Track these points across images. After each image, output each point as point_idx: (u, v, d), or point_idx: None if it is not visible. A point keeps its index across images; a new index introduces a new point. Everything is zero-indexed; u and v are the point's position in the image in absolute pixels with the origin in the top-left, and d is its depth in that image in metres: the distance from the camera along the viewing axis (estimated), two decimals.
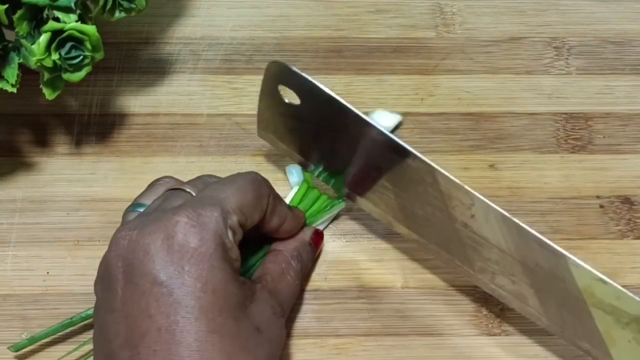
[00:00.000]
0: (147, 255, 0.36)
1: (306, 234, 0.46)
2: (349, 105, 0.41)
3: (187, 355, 0.34)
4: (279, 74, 0.43)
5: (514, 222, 0.39)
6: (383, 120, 0.53)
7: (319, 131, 0.45)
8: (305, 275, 0.46)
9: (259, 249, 0.45)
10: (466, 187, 0.39)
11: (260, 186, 0.41)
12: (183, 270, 0.35)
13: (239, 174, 0.42)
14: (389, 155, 0.42)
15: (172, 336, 0.34)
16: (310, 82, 0.41)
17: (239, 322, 0.36)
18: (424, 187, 0.41)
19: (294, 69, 0.42)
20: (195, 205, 0.38)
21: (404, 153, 0.41)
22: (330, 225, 0.49)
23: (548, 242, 0.38)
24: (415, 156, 0.40)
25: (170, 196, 0.40)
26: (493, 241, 0.40)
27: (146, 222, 0.37)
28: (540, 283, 0.41)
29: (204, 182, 0.42)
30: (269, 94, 0.45)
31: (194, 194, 0.40)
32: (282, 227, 0.44)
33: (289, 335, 0.46)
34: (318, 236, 0.47)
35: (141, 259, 0.36)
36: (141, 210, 0.41)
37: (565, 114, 0.55)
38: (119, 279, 0.36)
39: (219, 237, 0.37)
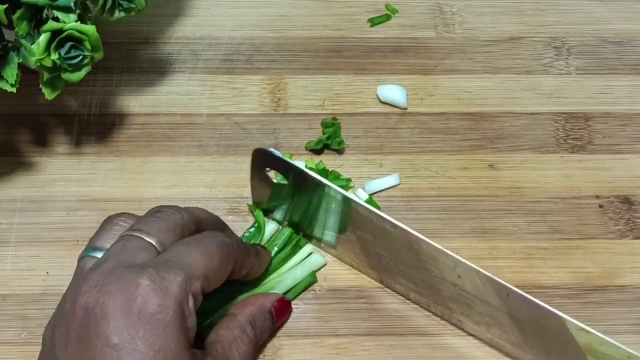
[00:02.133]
0: (104, 316, 0.35)
1: (267, 300, 0.44)
2: (331, 184, 0.42)
3: None
4: (265, 159, 0.44)
5: (496, 281, 0.39)
6: (390, 93, 0.54)
7: (307, 205, 0.46)
8: (257, 346, 0.43)
9: (218, 304, 0.44)
10: (448, 251, 0.40)
11: (229, 249, 0.40)
12: (137, 335, 0.35)
13: (208, 235, 0.40)
14: (374, 226, 0.42)
15: None
16: (293, 165, 0.43)
17: None
18: (413, 253, 0.42)
19: (277, 154, 0.43)
20: (159, 268, 0.36)
21: (389, 224, 0.41)
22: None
23: (535, 300, 0.38)
24: (397, 226, 0.41)
25: (129, 245, 0.38)
26: (482, 298, 0.41)
27: (108, 280, 0.36)
28: (532, 335, 0.41)
29: (159, 220, 0.40)
30: (258, 175, 0.46)
31: (153, 243, 0.38)
32: (250, 274, 0.43)
33: (288, 335, 0.46)
34: (283, 305, 0.45)
35: (98, 318, 0.35)
36: (98, 255, 0.39)
37: (565, 113, 0.55)
38: (72, 335, 0.36)
39: (179, 305, 0.36)
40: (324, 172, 0.50)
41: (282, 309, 0.45)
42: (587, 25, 0.59)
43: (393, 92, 0.54)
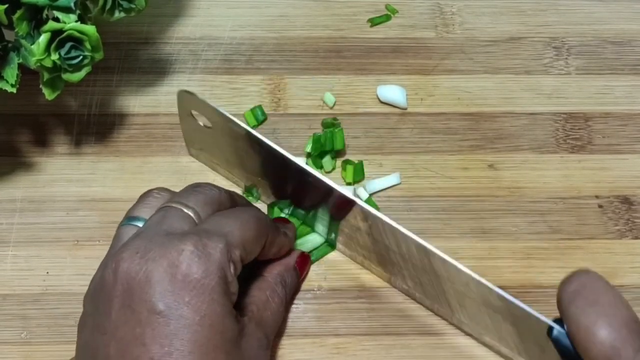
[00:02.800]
0: (148, 283, 0.35)
1: (291, 258, 0.46)
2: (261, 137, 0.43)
3: None
4: (190, 102, 0.45)
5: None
6: (390, 93, 0.54)
7: (234, 151, 0.47)
8: (288, 300, 0.45)
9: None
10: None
11: (263, 223, 0.41)
12: (183, 301, 0.35)
13: (242, 208, 0.42)
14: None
15: None
16: (217, 110, 0.43)
17: (229, 357, 0.36)
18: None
19: (200, 97, 0.43)
20: (201, 235, 0.37)
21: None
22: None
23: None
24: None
25: (169, 215, 0.39)
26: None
27: (150, 247, 0.36)
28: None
29: (197, 192, 0.41)
30: (185, 119, 0.47)
31: (191, 215, 0.39)
32: (280, 253, 0.45)
33: (288, 334, 0.46)
34: (304, 259, 0.47)
35: (142, 285, 0.35)
36: (139, 224, 0.40)
37: (565, 113, 0.55)
38: (115, 302, 0.36)
39: (222, 270, 0.36)
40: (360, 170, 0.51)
41: (303, 262, 0.47)
42: (587, 25, 0.59)
43: (393, 92, 0.54)
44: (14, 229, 0.49)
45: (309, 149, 0.51)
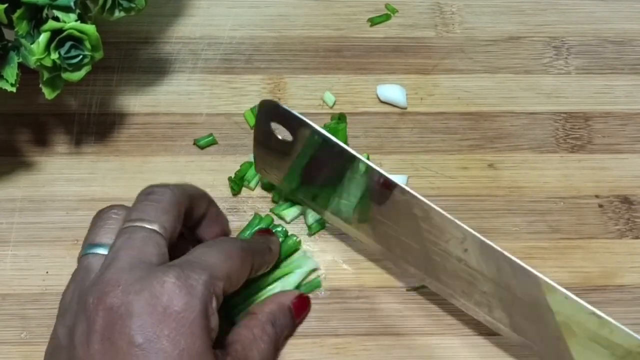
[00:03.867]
0: (129, 315, 0.35)
1: (287, 297, 0.45)
2: (337, 141, 0.41)
3: None
4: (272, 112, 0.42)
5: (503, 255, 0.38)
6: (389, 92, 0.54)
7: (311, 166, 0.45)
8: (279, 345, 0.44)
9: (235, 305, 0.45)
10: (457, 221, 0.39)
11: (247, 254, 0.41)
12: (162, 334, 0.35)
13: (226, 239, 0.42)
14: (379, 190, 0.41)
15: None
16: (302, 120, 0.41)
17: None
18: (416, 221, 0.41)
19: (285, 107, 0.41)
20: (184, 267, 0.37)
21: (393, 187, 0.40)
22: (327, 226, 0.49)
23: (538, 274, 0.38)
24: (404, 190, 0.40)
25: (135, 237, 0.38)
26: (488, 274, 0.40)
27: (130, 279, 0.36)
28: (532, 315, 0.41)
29: (153, 202, 0.39)
30: (262, 131, 0.44)
31: (157, 229, 0.38)
32: (263, 270, 0.44)
33: (288, 334, 0.46)
34: (302, 301, 0.45)
35: (123, 317, 0.35)
36: (103, 252, 0.39)
37: (565, 113, 0.55)
38: (94, 336, 0.35)
39: (203, 304, 0.36)
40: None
41: (301, 305, 0.45)
42: (587, 24, 0.59)
43: (393, 91, 0.54)
44: (13, 228, 0.48)
45: None
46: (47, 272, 0.47)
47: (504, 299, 0.41)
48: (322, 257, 0.48)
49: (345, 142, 0.51)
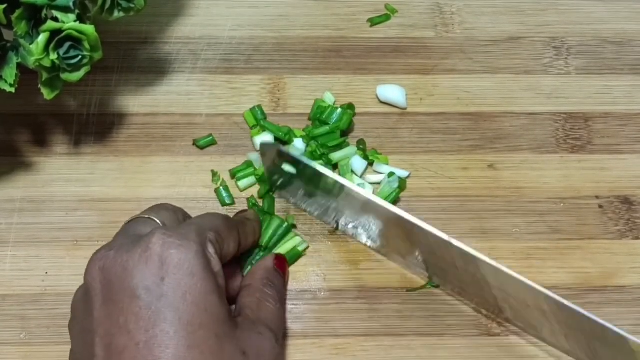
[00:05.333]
0: (126, 271, 0.35)
1: (267, 261, 0.45)
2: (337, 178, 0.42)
3: None
4: (273, 154, 0.45)
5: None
6: (389, 93, 0.54)
7: (318, 196, 0.47)
8: (283, 301, 0.45)
9: None
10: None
11: (228, 218, 0.42)
12: (162, 281, 0.35)
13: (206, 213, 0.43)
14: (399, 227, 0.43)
15: (150, 351, 0.34)
16: (301, 161, 0.43)
17: (221, 340, 0.35)
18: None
19: (283, 150, 0.43)
20: (171, 227, 0.38)
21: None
22: (327, 226, 0.49)
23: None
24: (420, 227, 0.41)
25: (132, 223, 0.40)
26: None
27: (123, 243, 0.37)
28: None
29: (157, 206, 0.42)
30: (270, 167, 0.47)
31: (154, 219, 0.39)
32: (256, 239, 0.46)
33: (288, 335, 0.46)
34: (280, 260, 0.46)
35: (120, 275, 0.35)
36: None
37: (565, 113, 0.55)
38: (96, 300, 0.36)
39: (199, 245, 0.36)
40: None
41: (281, 264, 0.46)
42: (587, 25, 0.59)
43: (392, 92, 0.54)
44: (13, 229, 0.48)
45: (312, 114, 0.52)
46: (46, 273, 0.47)
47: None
48: (322, 257, 0.48)
49: (349, 126, 0.52)
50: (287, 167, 0.45)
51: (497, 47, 0.57)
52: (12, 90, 0.44)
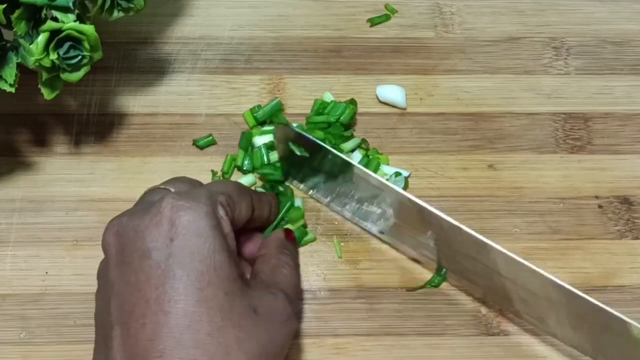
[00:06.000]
0: (137, 233, 0.36)
1: (278, 233, 0.46)
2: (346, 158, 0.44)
3: (175, 325, 0.34)
4: (287, 134, 0.46)
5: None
6: (389, 93, 0.54)
7: (329, 181, 0.48)
8: (298, 266, 0.46)
9: None
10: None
11: (241, 185, 0.43)
12: (171, 241, 0.35)
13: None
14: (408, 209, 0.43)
15: (160, 306, 0.34)
16: (316, 142, 0.44)
17: (231, 297, 0.36)
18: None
19: (298, 131, 0.45)
20: (181, 192, 0.39)
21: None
22: (328, 226, 0.49)
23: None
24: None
25: (149, 194, 0.41)
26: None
27: (134, 210, 0.38)
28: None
29: (177, 180, 0.43)
30: (282, 150, 0.48)
31: (168, 188, 0.40)
32: (272, 212, 0.46)
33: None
34: (289, 233, 0.47)
35: (131, 237, 0.36)
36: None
37: (565, 114, 0.55)
38: (111, 264, 0.37)
39: (208, 207, 0.37)
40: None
41: (290, 236, 0.47)
42: (587, 25, 0.59)
43: (392, 92, 0.54)
44: (13, 228, 0.48)
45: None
46: (46, 273, 0.47)
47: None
48: (321, 257, 0.48)
49: (351, 119, 0.52)
50: (300, 151, 0.46)
51: (497, 47, 0.57)
52: (12, 90, 0.44)
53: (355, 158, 0.51)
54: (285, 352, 0.39)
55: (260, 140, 0.51)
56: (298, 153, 0.46)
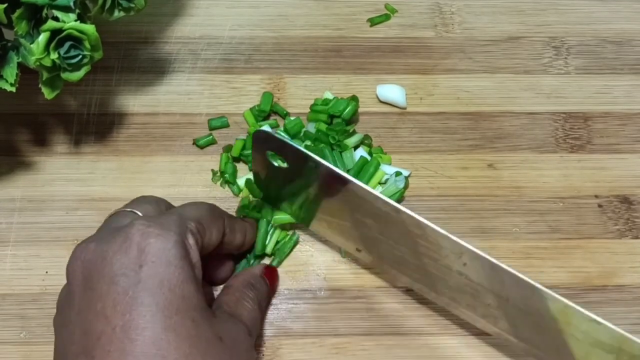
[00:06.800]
0: (105, 260, 0.35)
1: (255, 268, 0.46)
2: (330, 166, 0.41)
3: (141, 352, 0.33)
4: (266, 142, 0.42)
5: (504, 269, 0.38)
6: (389, 92, 0.54)
7: (307, 189, 0.45)
8: (263, 307, 0.45)
9: None
10: (451, 236, 0.39)
11: (214, 208, 0.42)
12: (140, 268, 0.35)
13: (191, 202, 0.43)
14: (377, 210, 0.41)
15: (126, 334, 0.34)
16: (295, 147, 0.41)
17: (197, 325, 0.35)
18: (414, 238, 0.41)
19: (277, 136, 0.42)
20: (152, 217, 0.38)
21: (391, 207, 0.40)
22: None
23: (535, 284, 0.37)
24: (399, 210, 0.40)
25: (115, 218, 0.40)
26: (488, 287, 0.40)
27: (101, 235, 0.37)
28: (535, 325, 0.40)
29: (137, 199, 0.42)
30: (259, 159, 0.45)
31: (135, 211, 0.40)
32: (247, 240, 0.45)
33: (288, 334, 0.46)
34: (271, 272, 0.46)
35: (99, 264, 0.35)
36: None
37: (564, 113, 0.55)
38: (77, 291, 0.36)
39: (178, 235, 0.37)
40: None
41: (271, 274, 0.46)
42: (587, 25, 0.59)
43: (392, 91, 0.54)
44: (13, 228, 0.48)
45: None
46: (46, 272, 0.47)
47: (507, 311, 0.41)
48: (321, 257, 0.48)
49: (353, 115, 0.52)
50: (278, 162, 0.43)
51: (496, 47, 0.57)
52: (13, 89, 0.44)
53: (358, 154, 0.51)
54: None
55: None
56: (275, 164, 0.43)
